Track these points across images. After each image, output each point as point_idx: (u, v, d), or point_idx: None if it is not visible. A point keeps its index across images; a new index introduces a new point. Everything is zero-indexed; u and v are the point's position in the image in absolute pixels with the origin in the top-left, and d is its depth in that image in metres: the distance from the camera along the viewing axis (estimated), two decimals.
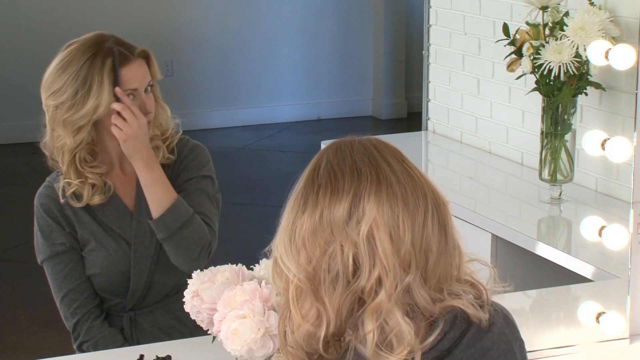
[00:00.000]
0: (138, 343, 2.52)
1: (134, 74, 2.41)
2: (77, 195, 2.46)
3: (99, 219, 2.49)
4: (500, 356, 1.50)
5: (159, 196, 2.41)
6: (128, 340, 2.54)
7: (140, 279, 2.51)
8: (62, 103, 2.39)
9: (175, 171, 2.53)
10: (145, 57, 2.45)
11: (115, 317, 2.56)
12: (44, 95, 2.43)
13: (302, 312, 1.44)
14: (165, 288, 2.53)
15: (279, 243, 1.48)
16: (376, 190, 1.45)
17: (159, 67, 2.50)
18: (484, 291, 1.52)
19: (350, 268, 1.42)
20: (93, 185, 2.45)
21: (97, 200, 2.46)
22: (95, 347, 2.48)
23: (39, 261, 2.54)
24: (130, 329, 2.54)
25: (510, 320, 1.56)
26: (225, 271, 2.03)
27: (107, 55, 2.38)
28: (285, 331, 1.49)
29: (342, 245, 1.42)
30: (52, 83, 2.41)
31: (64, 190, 2.46)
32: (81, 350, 2.52)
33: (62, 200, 2.47)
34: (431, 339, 1.45)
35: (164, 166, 2.50)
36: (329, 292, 1.43)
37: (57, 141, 2.44)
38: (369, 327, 1.42)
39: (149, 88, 2.45)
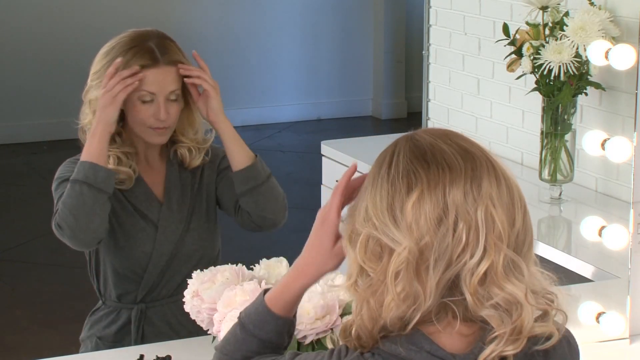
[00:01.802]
0: (143, 337, 2.53)
1: (155, 79, 2.45)
2: None
3: (127, 199, 2.53)
4: None
5: (245, 149, 2.53)
6: (133, 335, 2.55)
7: (158, 263, 2.53)
8: (95, 83, 2.48)
9: (213, 171, 2.60)
10: (175, 64, 2.48)
11: (124, 310, 2.56)
12: (91, 68, 2.52)
13: (398, 290, 1.42)
14: (179, 277, 2.54)
15: (377, 217, 1.44)
16: (489, 171, 1.45)
17: None
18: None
19: (460, 247, 1.41)
20: (118, 159, 2.49)
21: (123, 174, 2.49)
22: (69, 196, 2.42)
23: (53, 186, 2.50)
24: (139, 321, 2.54)
25: (573, 346, 1.58)
26: (225, 271, 2.03)
27: (139, 52, 2.45)
28: (366, 322, 1.46)
29: (455, 223, 1.42)
30: (96, 63, 2.50)
31: None
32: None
33: None
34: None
35: (197, 168, 2.58)
36: (432, 270, 1.41)
37: (84, 117, 2.51)
38: (476, 298, 1.42)
39: (173, 98, 2.48)
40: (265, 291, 1.64)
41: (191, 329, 2.37)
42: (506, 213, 1.44)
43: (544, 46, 2.97)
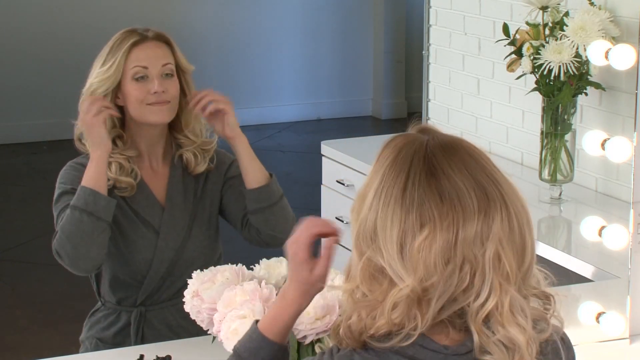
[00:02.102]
0: (143, 339, 2.52)
1: (145, 53, 2.46)
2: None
3: (128, 204, 2.52)
4: None
5: (260, 167, 2.52)
6: (132, 337, 2.54)
7: (159, 269, 2.52)
8: (88, 79, 2.49)
9: (219, 178, 2.58)
10: (165, 41, 2.50)
11: (124, 312, 2.55)
12: None
13: (393, 317, 1.42)
14: (179, 282, 2.53)
15: (386, 248, 1.43)
16: (502, 211, 1.43)
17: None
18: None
19: (464, 286, 1.41)
20: (120, 166, 2.48)
21: (124, 183, 2.48)
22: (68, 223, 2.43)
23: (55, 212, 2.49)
24: (138, 323, 2.53)
25: (566, 342, 1.59)
26: (225, 271, 2.03)
27: (128, 35, 2.47)
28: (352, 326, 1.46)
29: (462, 264, 1.40)
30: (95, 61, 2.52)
31: None
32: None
33: None
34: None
35: (202, 174, 2.56)
36: (433, 303, 1.41)
37: (77, 130, 2.51)
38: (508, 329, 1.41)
39: (169, 74, 2.48)
40: (257, 322, 1.65)
41: (192, 330, 2.37)
42: (515, 253, 1.43)
43: (544, 46, 2.97)
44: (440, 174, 1.44)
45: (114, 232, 2.49)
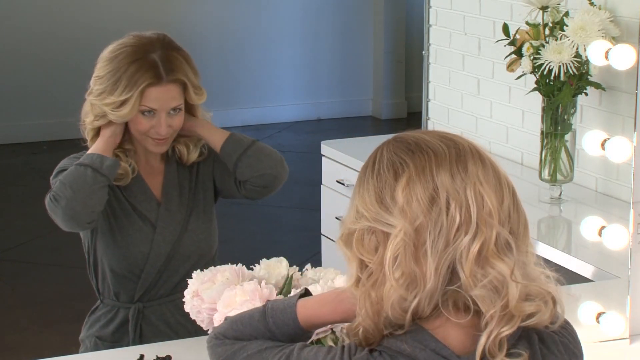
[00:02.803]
0: (141, 336, 2.53)
1: (157, 96, 2.45)
2: None
3: (126, 198, 2.53)
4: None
5: (218, 129, 2.57)
6: (131, 334, 2.54)
7: (156, 263, 2.53)
8: (97, 88, 2.47)
9: (208, 165, 2.61)
10: (181, 82, 2.48)
11: (122, 309, 2.56)
12: (95, 70, 2.51)
13: (397, 275, 1.43)
14: (176, 277, 2.54)
15: (367, 209, 1.47)
16: (474, 155, 1.49)
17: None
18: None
19: (455, 226, 1.43)
20: (117, 157, 2.50)
21: (121, 169, 2.50)
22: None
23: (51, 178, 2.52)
24: (137, 320, 2.54)
25: (569, 330, 1.61)
26: (225, 271, 2.03)
27: (142, 67, 2.43)
28: (366, 301, 1.47)
29: (447, 203, 1.44)
30: (100, 68, 2.49)
31: None
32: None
33: None
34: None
35: (193, 166, 2.59)
36: (429, 252, 1.43)
37: (84, 115, 2.52)
38: (471, 279, 1.43)
39: (174, 111, 2.48)
40: (302, 295, 1.65)
41: (190, 328, 2.37)
42: (494, 191, 1.47)
43: (544, 46, 2.97)
44: (409, 139, 1.51)
45: (111, 225, 2.51)
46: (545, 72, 2.95)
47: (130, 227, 2.52)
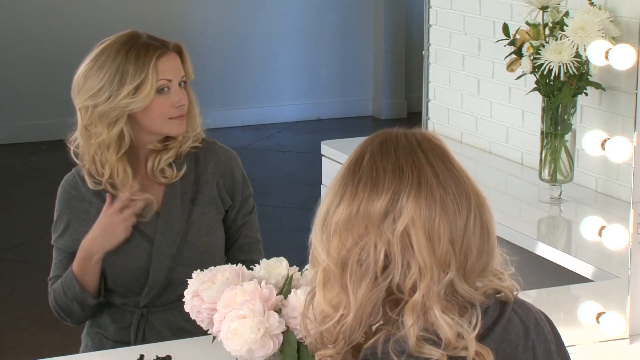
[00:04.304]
0: (144, 340, 2.52)
1: (169, 65, 2.44)
2: (113, 185, 2.48)
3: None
4: (541, 319, 1.58)
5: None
6: (132, 336, 2.54)
7: (158, 277, 2.50)
8: (100, 99, 2.41)
9: (227, 186, 2.58)
10: (179, 51, 2.48)
11: (126, 313, 2.55)
12: (79, 98, 2.43)
13: (327, 297, 1.47)
14: (182, 288, 2.52)
15: (314, 228, 1.51)
16: (416, 192, 1.46)
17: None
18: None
19: (381, 264, 1.44)
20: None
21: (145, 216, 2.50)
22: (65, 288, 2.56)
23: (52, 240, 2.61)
24: (140, 324, 2.53)
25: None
26: (225, 271, 2.03)
27: (142, 47, 2.41)
28: (308, 315, 1.53)
29: (375, 241, 1.44)
30: (90, 84, 2.42)
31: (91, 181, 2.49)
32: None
33: (88, 192, 2.50)
34: (476, 321, 1.47)
35: (201, 178, 2.55)
36: (355, 283, 1.45)
37: (95, 138, 2.44)
38: (409, 322, 1.44)
39: (182, 84, 2.48)
40: None
41: (193, 332, 2.37)
42: (429, 231, 1.45)
43: (544, 46, 2.97)
44: (365, 153, 1.52)
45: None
46: (545, 72, 2.95)
47: (127, 245, 2.49)
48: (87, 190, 2.50)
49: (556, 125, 3.07)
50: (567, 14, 3.00)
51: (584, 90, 3.01)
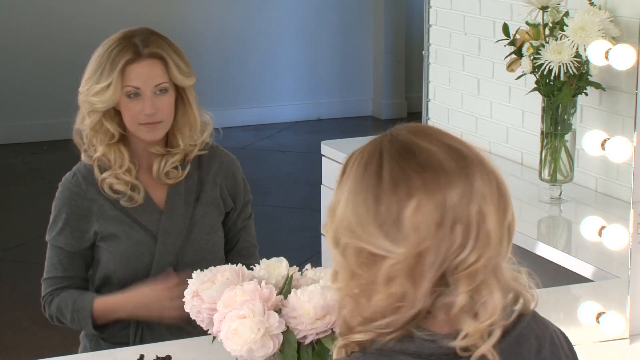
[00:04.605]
0: (142, 340, 2.52)
1: (138, 72, 2.42)
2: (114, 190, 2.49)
3: (126, 210, 2.50)
4: (558, 337, 1.56)
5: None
6: (131, 336, 2.54)
7: (160, 273, 2.50)
8: (84, 88, 2.46)
9: (229, 187, 2.60)
10: (160, 58, 2.44)
11: None
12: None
13: (391, 291, 1.41)
14: (182, 287, 2.52)
15: (370, 232, 1.42)
16: (482, 172, 1.45)
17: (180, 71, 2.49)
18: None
19: (456, 246, 1.41)
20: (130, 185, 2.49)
21: (134, 195, 2.49)
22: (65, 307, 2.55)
23: (46, 237, 2.59)
24: (139, 324, 2.53)
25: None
26: (225, 271, 2.03)
27: (121, 49, 2.42)
28: (346, 315, 1.47)
29: (453, 224, 1.41)
30: (86, 71, 2.48)
31: (93, 178, 2.49)
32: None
33: (90, 189, 2.50)
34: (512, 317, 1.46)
35: (206, 177, 2.56)
36: (427, 274, 1.41)
37: (80, 122, 2.49)
38: (463, 289, 1.41)
39: (163, 90, 2.45)
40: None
41: (192, 333, 2.36)
42: (496, 208, 1.44)
43: (544, 46, 2.97)
44: (413, 147, 1.45)
45: (112, 239, 2.49)
46: (545, 72, 2.95)
47: (130, 242, 2.49)
48: (89, 188, 2.50)
49: (556, 125, 3.07)
50: (567, 14, 3.00)
51: (584, 90, 3.01)
